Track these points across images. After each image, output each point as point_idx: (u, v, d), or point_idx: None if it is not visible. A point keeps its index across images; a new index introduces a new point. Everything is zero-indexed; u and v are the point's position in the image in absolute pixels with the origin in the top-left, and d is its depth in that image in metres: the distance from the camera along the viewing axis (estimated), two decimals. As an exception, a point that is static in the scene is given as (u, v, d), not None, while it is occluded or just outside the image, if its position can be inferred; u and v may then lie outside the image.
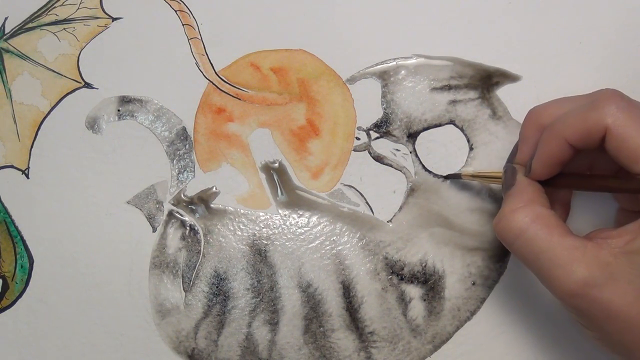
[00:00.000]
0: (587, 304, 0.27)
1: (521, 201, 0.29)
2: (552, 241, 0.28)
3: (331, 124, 0.36)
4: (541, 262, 0.28)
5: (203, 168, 0.36)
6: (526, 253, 0.28)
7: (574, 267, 0.27)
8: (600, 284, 0.26)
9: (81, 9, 0.38)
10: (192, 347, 0.35)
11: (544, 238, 0.28)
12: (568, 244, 0.27)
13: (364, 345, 0.34)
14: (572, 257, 0.27)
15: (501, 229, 0.29)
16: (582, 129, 0.28)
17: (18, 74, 0.37)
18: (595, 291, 0.27)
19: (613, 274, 0.27)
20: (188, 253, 0.35)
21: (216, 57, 0.37)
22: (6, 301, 0.35)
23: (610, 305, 0.27)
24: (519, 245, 0.28)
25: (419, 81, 0.36)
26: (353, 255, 0.35)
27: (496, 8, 0.37)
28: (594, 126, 0.27)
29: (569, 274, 0.27)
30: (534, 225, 0.28)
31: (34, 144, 0.37)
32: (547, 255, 0.27)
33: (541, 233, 0.28)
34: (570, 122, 0.28)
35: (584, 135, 0.28)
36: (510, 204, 0.29)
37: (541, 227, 0.28)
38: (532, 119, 0.31)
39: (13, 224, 0.36)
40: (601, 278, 0.27)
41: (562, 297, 0.28)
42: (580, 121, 0.28)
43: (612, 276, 0.27)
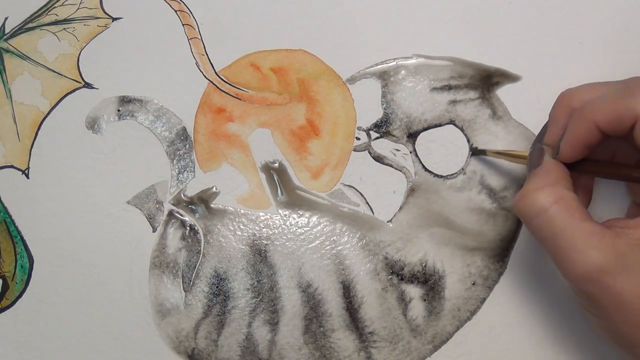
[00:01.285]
0: (599, 290, 0.27)
1: (546, 181, 0.29)
2: (571, 224, 0.27)
3: (331, 124, 0.36)
4: (558, 243, 0.28)
5: (203, 168, 0.36)
6: (544, 232, 0.28)
7: (590, 251, 0.27)
8: (614, 272, 0.26)
9: (81, 9, 0.38)
10: (192, 347, 0.35)
11: (564, 219, 0.28)
12: (587, 229, 0.27)
13: (364, 345, 0.34)
14: (590, 242, 0.27)
15: (522, 206, 0.29)
16: (613, 114, 0.28)
17: (18, 74, 0.37)
18: (608, 278, 0.27)
19: (628, 265, 0.27)
20: (188, 253, 0.35)
21: (216, 57, 0.37)
22: (6, 301, 0.35)
23: (621, 295, 0.27)
24: (538, 223, 0.28)
25: (419, 81, 0.36)
26: (353, 255, 0.35)
27: (496, 8, 0.37)
28: (625, 113, 0.27)
29: (584, 257, 0.27)
30: (556, 206, 0.28)
31: (34, 144, 0.37)
32: (565, 237, 0.27)
33: (562, 214, 0.28)
34: (602, 107, 0.28)
35: (614, 121, 0.28)
36: (534, 182, 0.29)
37: (562, 209, 0.28)
38: (563, 101, 0.31)
39: (13, 224, 0.36)
40: (616, 266, 0.27)
41: (574, 280, 0.28)
42: (611, 107, 0.28)
43: (626, 266, 0.27)
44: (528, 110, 0.35)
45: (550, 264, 0.34)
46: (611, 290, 0.27)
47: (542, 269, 0.35)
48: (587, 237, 0.27)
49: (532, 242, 0.35)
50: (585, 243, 0.27)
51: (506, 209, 0.35)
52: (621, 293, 0.27)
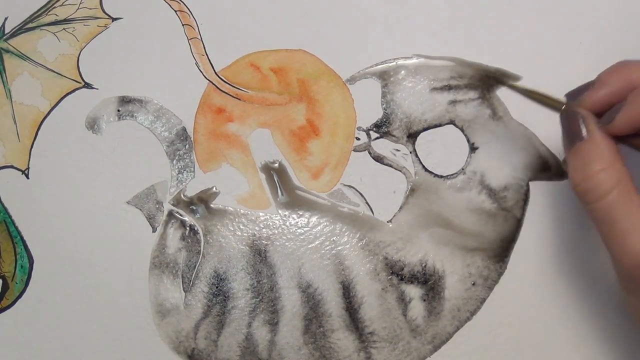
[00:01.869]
0: None
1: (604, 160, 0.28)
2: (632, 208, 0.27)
3: (331, 124, 0.36)
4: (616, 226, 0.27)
5: (203, 168, 0.36)
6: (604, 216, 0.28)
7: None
8: None
9: (81, 9, 0.38)
10: (192, 347, 0.35)
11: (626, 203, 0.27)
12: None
13: (364, 346, 0.34)
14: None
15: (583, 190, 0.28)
16: None
17: (18, 74, 0.37)
18: None
19: None
20: (188, 253, 0.35)
21: (216, 57, 0.37)
22: (6, 301, 0.36)
23: None
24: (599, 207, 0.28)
25: (419, 81, 0.36)
26: (353, 255, 0.35)
27: (496, 8, 0.37)
28: None
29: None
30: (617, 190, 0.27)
31: (34, 144, 0.37)
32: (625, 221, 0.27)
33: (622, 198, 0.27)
34: None
35: None
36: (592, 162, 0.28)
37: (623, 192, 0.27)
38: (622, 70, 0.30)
39: (13, 224, 0.36)
40: None
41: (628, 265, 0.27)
42: None
43: None
44: (528, 110, 0.35)
45: (550, 264, 0.34)
46: None
47: (542, 269, 0.35)
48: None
49: (532, 242, 0.35)
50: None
51: (506, 209, 0.35)
52: None
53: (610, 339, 0.34)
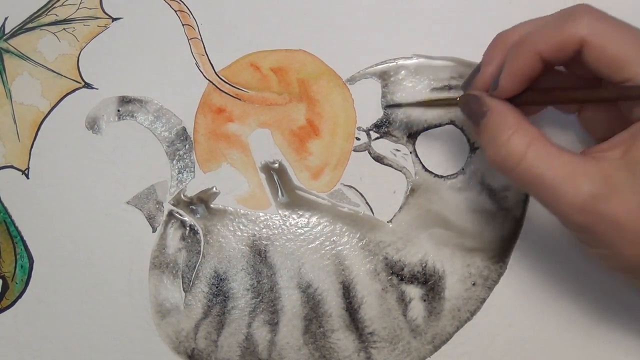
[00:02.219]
0: (595, 219, 0.26)
1: (509, 125, 0.28)
2: (553, 159, 0.27)
3: (331, 124, 0.36)
4: (545, 182, 0.27)
5: (203, 168, 0.36)
6: (529, 177, 0.27)
7: (578, 181, 0.26)
8: (606, 196, 0.26)
9: (81, 9, 0.38)
10: (192, 348, 0.35)
11: (545, 158, 0.27)
12: (568, 160, 0.27)
13: (364, 346, 0.34)
14: (575, 172, 0.26)
15: (501, 160, 0.28)
16: (557, 41, 0.27)
17: (18, 74, 0.37)
18: (601, 204, 0.26)
19: (617, 186, 0.26)
20: (188, 253, 0.35)
21: (216, 57, 0.37)
22: (6, 301, 0.36)
23: (616, 217, 0.26)
24: (521, 171, 0.27)
25: (419, 81, 0.36)
26: (353, 255, 0.35)
27: (496, 8, 0.37)
28: (570, 38, 0.27)
29: (574, 189, 0.26)
30: (532, 148, 0.27)
31: (34, 144, 0.37)
32: (550, 174, 0.27)
33: (541, 153, 0.27)
34: (544, 35, 0.27)
35: (558, 48, 0.27)
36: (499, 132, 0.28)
37: (539, 148, 0.27)
38: (499, 40, 0.30)
39: (13, 224, 0.36)
40: (606, 190, 0.26)
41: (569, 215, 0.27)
42: (554, 32, 0.27)
43: (616, 187, 0.26)
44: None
45: (550, 263, 0.34)
46: (607, 215, 0.26)
47: (542, 269, 0.35)
48: (571, 167, 0.27)
49: (532, 242, 0.35)
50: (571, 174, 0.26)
51: (506, 209, 0.35)
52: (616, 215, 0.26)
53: (610, 338, 0.34)
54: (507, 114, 0.28)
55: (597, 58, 0.26)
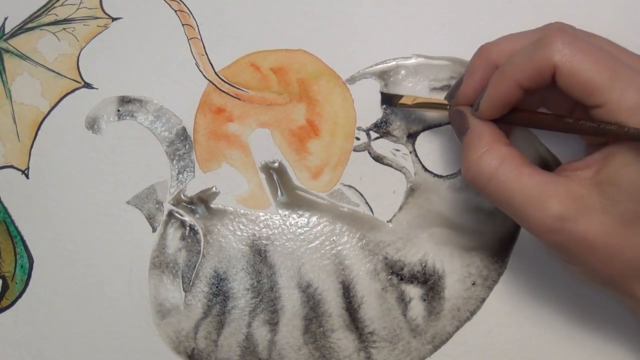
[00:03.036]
0: (565, 238, 0.27)
1: (483, 144, 0.29)
2: (522, 180, 0.27)
3: (331, 124, 0.36)
4: (515, 202, 0.28)
5: (203, 168, 0.36)
6: (499, 196, 0.28)
7: (547, 203, 0.27)
8: (575, 216, 0.27)
9: (81, 9, 0.38)
10: (192, 347, 0.35)
11: (514, 178, 0.28)
12: (539, 181, 0.27)
13: (364, 346, 0.34)
14: (545, 194, 0.27)
15: (472, 177, 0.29)
16: (531, 69, 0.27)
17: (18, 74, 0.37)
18: (571, 224, 0.27)
19: (587, 206, 0.27)
20: (188, 253, 0.36)
21: (216, 57, 0.37)
22: (6, 301, 0.36)
23: (587, 237, 0.27)
24: (491, 189, 0.28)
25: (419, 81, 0.36)
26: (353, 255, 0.35)
27: (496, 8, 0.37)
28: (543, 65, 0.27)
29: (543, 210, 0.27)
30: (503, 167, 0.28)
31: (33, 144, 0.37)
32: (520, 194, 0.27)
33: (511, 173, 0.28)
34: (519, 64, 0.28)
35: (533, 76, 0.27)
36: (473, 149, 0.29)
37: (510, 168, 0.28)
38: (482, 54, 0.31)
39: (13, 224, 0.36)
40: (575, 211, 0.27)
41: (539, 235, 0.28)
42: (528, 62, 0.27)
43: (586, 208, 0.27)
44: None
45: (550, 263, 0.34)
46: (577, 235, 0.27)
47: (542, 269, 0.35)
48: (541, 188, 0.27)
49: (532, 242, 0.35)
50: (540, 195, 0.27)
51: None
52: (587, 235, 0.27)
53: (610, 338, 0.34)
54: (484, 134, 0.29)
55: (569, 84, 0.27)
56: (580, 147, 0.33)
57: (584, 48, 0.27)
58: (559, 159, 0.35)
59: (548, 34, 0.27)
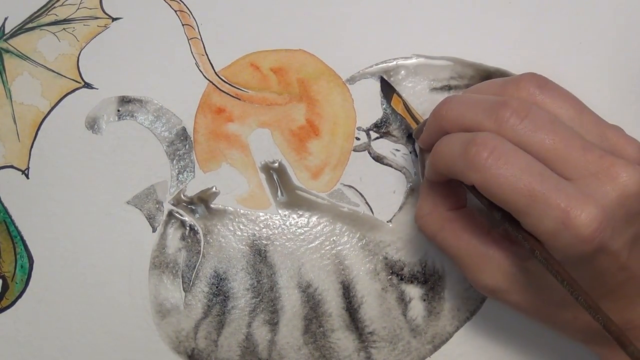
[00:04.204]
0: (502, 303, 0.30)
1: (428, 206, 0.31)
2: (459, 248, 0.29)
3: (331, 124, 0.36)
4: (455, 262, 0.30)
5: (203, 168, 0.36)
6: (443, 252, 0.31)
7: (479, 275, 0.29)
8: (506, 291, 0.29)
9: (81, 9, 0.38)
10: (192, 347, 0.35)
11: (452, 244, 0.30)
12: (473, 252, 0.29)
13: (364, 346, 0.34)
14: (477, 266, 0.29)
15: (420, 228, 0.31)
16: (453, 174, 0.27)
17: (18, 74, 0.37)
18: (503, 295, 0.29)
19: (517, 284, 0.29)
20: (188, 253, 0.36)
21: (216, 57, 0.37)
22: (6, 301, 0.36)
23: (519, 306, 0.30)
24: (436, 245, 0.31)
25: (419, 81, 0.36)
26: (353, 255, 0.35)
27: (496, 8, 0.37)
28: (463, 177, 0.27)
29: (476, 280, 0.29)
30: (441, 234, 0.30)
31: (33, 144, 0.37)
32: (457, 259, 0.30)
33: (449, 239, 0.30)
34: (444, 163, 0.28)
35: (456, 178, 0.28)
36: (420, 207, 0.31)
37: (448, 235, 0.30)
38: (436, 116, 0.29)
39: (13, 224, 0.36)
40: (506, 285, 0.29)
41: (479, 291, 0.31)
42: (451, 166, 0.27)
43: (516, 285, 0.29)
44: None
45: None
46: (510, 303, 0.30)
47: (542, 269, 0.35)
48: (474, 260, 0.29)
49: (532, 242, 0.35)
50: (474, 267, 0.29)
51: (506, 209, 0.35)
52: (518, 304, 0.29)
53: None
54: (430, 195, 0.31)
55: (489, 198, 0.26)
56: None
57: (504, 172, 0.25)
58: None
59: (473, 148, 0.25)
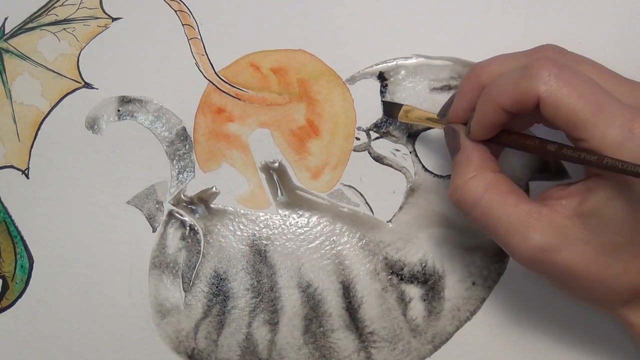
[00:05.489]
0: (547, 268, 0.28)
1: (471, 170, 0.29)
2: (506, 209, 0.28)
3: (331, 124, 0.36)
4: (498, 230, 0.28)
5: (203, 168, 0.36)
6: (483, 222, 0.28)
7: (529, 233, 0.27)
8: (558, 247, 0.27)
9: (81, 9, 0.38)
10: (192, 347, 0.35)
11: (499, 207, 0.28)
12: (522, 210, 0.27)
13: (364, 346, 0.34)
14: (527, 224, 0.27)
15: (457, 201, 0.29)
16: (515, 96, 0.27)
17: (18, 74, 0.37)
18: (553, 255, 0.27)
19: (569, 236, 0.27)
20: (188, 253, 0.36)
21: (216, 57, 0.37)
22: (6, 301, 0.36)
23: (569, 267, 0.27)
24: (475, 215, 0.28)
25: (419, 81, 0.36)
26: (353, 255, 0.35)
27: (496, 8, 0.37)
28: (526, 95, 0.27)
29: (525, 241, 0.27)
30: (487, 194, 0.28)
31: (34, 144, 0.37)
32: (503, 223, 0.28)
33: (495, 201, 0.28)
34: (503, 89, 0.28)
35: (517, 103, 0.27)
36: (461, 173, 0.29)
37: (494, 196, 0.28)
38: (472, 75, 0.30)
39: (13, 224, 0.36)
40: (558, 242, 0.27)
41: (521, 263, 0.28)
42: (512, 88, 0.27)
43: (568, 238, 0.27)
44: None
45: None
46: (558, 265, 0.27)
47: (542, 269, 0.35)
48: (524, 219, 0.27)
49: (532, 242, 0.35)
50: (524, 226, 0.27)
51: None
52: (571, 265, 0.27)
53: (610, 338, 0.34)
54: (473, 158, 0.29)
55: (553, 116, 0.26)
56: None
57: (569, 81, 0.26)
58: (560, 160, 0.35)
59: (536, 63, 0.27)
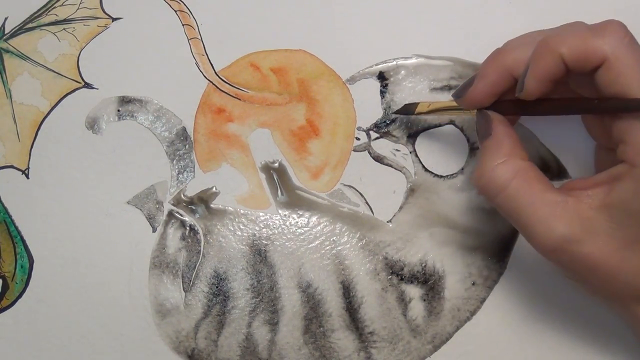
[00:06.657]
0: (568, 258, 0.27)
1: (501, 155, 0.29)
2: (533, 196, 0.28)
3: (331, 124, 0.36)
4: (523, 217, 0.28)
5: (203, 168, 0.36)
6: (508, 208, 0.28)
7: (554, 223, 0.27)
8: (581, 239, 0.27)
9: (81, 9, 0.38)
10: (192, 347, 0.35)
11: (526, 193, 0.28)
12: (549, 200, 0.27)
13: (364, 346, 0.34)
14: (553, 214, 0.27)
15: (483, 185, 0.29)
16: (581, 50, 0.27)
17: (18, 74, 0.37)
18: (575, 246, 0.27)
19: (594, 228, 0.27)
20: (188, 253, 0.36)
21: (216, 57, 0.37)
22: (6, 301, 0.36)
23: (591, 258, 0.27)
24: (501, 200, 0.28)
25: (419, 81, 0.36)
26: (353, 255, 0.35)
27: (496, 8, 0.37)
28: (593, 51, 0.26)
29: (549, 230, 0.27)
30: (516, 181, 0.28)
31: (34, 144, 0.37)
32: (529, 210, 0.28)
33: (522, 188, 0.28)
34: (569, 40, 0.27)
35: (581, 57, 0.27)
36: (490, 158, 0.29)
37: (522, 183, 0.28)
38: (497, 58, 0.30)
39: (13, 224, 0.36)
40: (582, 233, 0.27)
41: (542, 252, 0.28)
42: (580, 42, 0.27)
43: (593, 230, 0.27)
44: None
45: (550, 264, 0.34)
46: (580, 256, 0.27)
47: (542, 269, 0.35)
48: (550, 208, 0.27)
49: (532, 242, 0.35)
50: (549, 215, 0.27)
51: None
52: (592, 257, 0.27)
53: (610, 338, 0.34)
54: (504, 143, 0.29)
55: (609, 81, 0.26)
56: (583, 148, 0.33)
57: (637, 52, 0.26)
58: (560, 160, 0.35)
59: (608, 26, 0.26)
